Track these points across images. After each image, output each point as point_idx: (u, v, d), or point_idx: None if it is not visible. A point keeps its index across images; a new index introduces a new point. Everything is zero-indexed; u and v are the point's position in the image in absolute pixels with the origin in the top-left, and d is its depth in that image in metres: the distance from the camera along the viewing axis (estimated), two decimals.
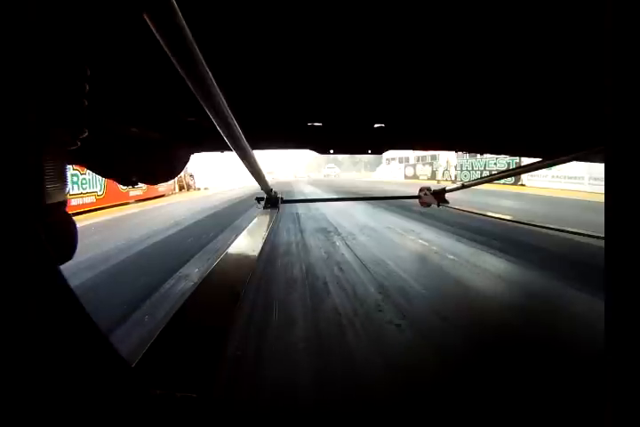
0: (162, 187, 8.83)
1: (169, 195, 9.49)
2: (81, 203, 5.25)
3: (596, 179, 7.30)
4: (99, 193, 5.85)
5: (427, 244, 2.41)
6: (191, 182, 12.26)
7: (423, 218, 3.44)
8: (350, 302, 1.32)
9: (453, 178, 13.05)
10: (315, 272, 1.72)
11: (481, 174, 11.46)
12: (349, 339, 1.02)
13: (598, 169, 7.17)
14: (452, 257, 2.01)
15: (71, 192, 5.23)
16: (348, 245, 2.34)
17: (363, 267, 1.81)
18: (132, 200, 7.17)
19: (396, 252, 2.20)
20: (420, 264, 1.96)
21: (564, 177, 8.50)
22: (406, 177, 18.14)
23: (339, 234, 2.78)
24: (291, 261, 1.94)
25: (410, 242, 2.50)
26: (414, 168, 17.67)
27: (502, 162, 10.68)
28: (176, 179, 10.46)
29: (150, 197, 7.98)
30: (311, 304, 1.31)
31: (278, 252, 2.18)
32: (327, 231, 2.92)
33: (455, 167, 13.23)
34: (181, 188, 11.36)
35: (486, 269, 1.76)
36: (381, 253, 2.11)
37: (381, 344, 0.99)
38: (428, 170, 15.90)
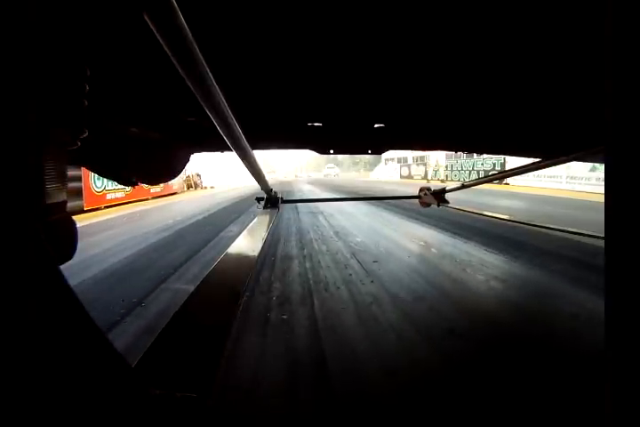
0: (175, 185, 10.23)
1: (179, 193, 10.60)
2: (114, 197, 6.63)
3: (572, 177, 8.00)
4: (127, 189, 7.00)
5: (381, 218, 3.93)
6: (198, 182, 13.43)
7: (390, 207, 4.82)
8: (319, 236, 2.93)
9: (443, 177, 14.03)
10: (302, 228, 3.39)
11: (469, 174, 12.35)
12: (314, 244, 2.60)
13: (574, 169, 7.86)
14: (386, 222, 3.64)
15: (107, 188, 6.43)
16: (326, 219, 3.95)
17: (330, 226, 3.46)
18: (150, 197, 8.31)
19: (355, 221, 3.77)
20: (365, 226, 3.47)
21: (545, 176, 8.90)
22: (402, 177, 19.20)
23: (322, 213, 4.39)
24: (290, 225, 3.58)
25: (367, 217, 4.01)
26: (409, 168, 18.71)
27: (488, 162, 11.50)
28: (184, 178, 11.64)
29: (166, 195, 9.18)
30: (299, 237, 2.90)
31: (283, 221, 3.77)
32: (314, 212, 4.52)
33: (446, 167, 14.11)
34: (189, 186, 12.36)
35: (402, 226, 3.48)
36: (345, 222, 3.70)
37: (328, 245, 2.55)
38: (421, 170, 16.91)
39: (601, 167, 7.41)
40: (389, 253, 2.29)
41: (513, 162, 10.26)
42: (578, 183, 7.83)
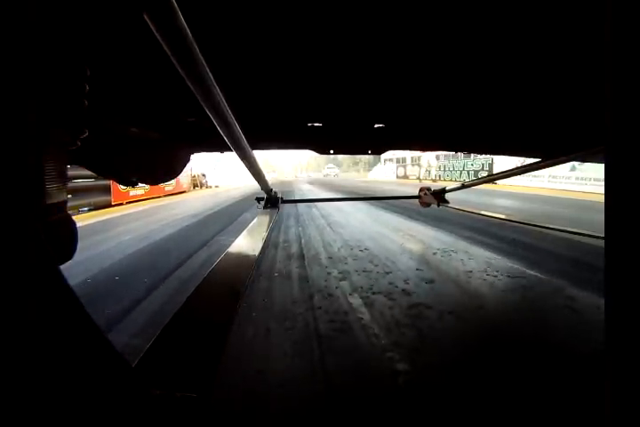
0: (184, 184, 11.45)
1: (187, 191, 11.68)
2: (135, 194, 7.68)
3: (554, 177, 8.65)
4: (146, 187, 8.09)
5: (358, 208, 4.85)
6: (204, 181, 14.54)
7: (373, 202, 5.83)
8: (310, 218, 4.22)
9: (434, 177, 15.13)
10: (299, 214, 4.45)
11: (460, 174, 13.24)
12: (309, 221, 3.94)
13: (555, 168, 8.30)
14: (361, 209, 4.74)
15: None
16: (317, 209, 4.94)
17: (319, 212, 4.58)
18: (163, 194, 9.25)
19: (338, 209, 4.78)
20: (344, 212, 4.56)
21: (529, 175, 9.37)
22: (398, 177, 20.23)
23: (314, 204, 5.48)
24: (289, 211, 4.64)
25: (348, 206, 4.97)
26: (405, 169, 19.79)
27: (478, 163, 12.33)
28: (190, 178, 12.55)
29: (176, 193, 10.32)
30: (296, 218, 4.20)
31: (284, 210, 4.48)
32: (308, 204, 5.49)
33: (439, 167, 15.08)
34: (195, 185, 13.26)
35: (371, 212, 4.60)
36: (332, 210, 4.72)
37: (315, 221, 3.97)
38: (417, 170, 17.84)
39: (580, 167, 7.80)
40: (353, 225, 3.67)
41: (500, 162, 10.86)
42: (559, 182, 8.55)
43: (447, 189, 2.49)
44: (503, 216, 2.55)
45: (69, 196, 5.78)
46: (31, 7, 0.23)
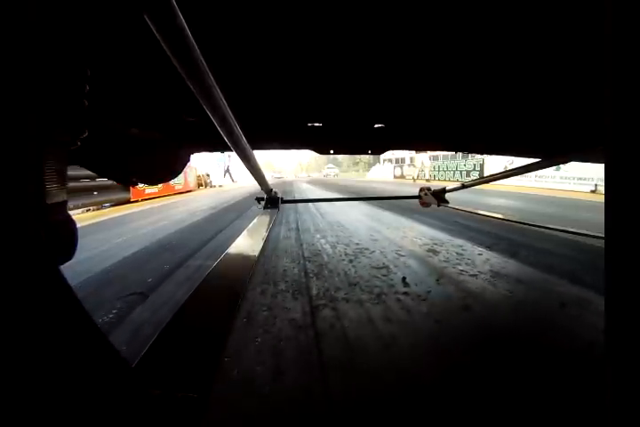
0: (191, 183, 12.37)
1: (193, 191, 12.31)
2: (150, 192, 8.61)
3: (540, 176, 9.19)
4: (159, 186, 8.99)
5: (351, 205, 5.45)
6: (208, 181, 15.22)
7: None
8: (306, 209, 4.90)
9: (427, 177, 15.99)
10: (297, 210, 4.89)
11: (453, 174, 13.99)
12: (304, 211, 4.79)
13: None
14: (348, 203, 5.43)
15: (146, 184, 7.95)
16: (314, 205, 5.60)
17: (314, 205, 5.33)
18: (172, 193, 10.07)
19: (330, 204, 5.45)
20: (333, 205, 5.30)
21: None
22: (395, 177, 21.14)
23: (308, 197, 6.21)
24: (289, 205, 5.16)
25: (345, 206, 5.34)
26: (402, 169, 20.70)
27: (470, 163, 13.02)
28: (195, 177, 13.06)
29: (184, 191, 11.33)
30: (295, 211, 4.76)
31: (284, 206, 4.96)
32: (302, 197, 6.06)
33: (433, 168, 15.88)
34: (200, 185, 13.77)
35: (355, 204, 5.43)
36: (326, 207, 5.12)
37: (309, 212, 4.64)
38: (413, 170, 18.64)
39: (564, 167, 8.20)
40: (336, 212, 4.48)
41: (491, 163, 11.20)
42: (545, 181, 9.17)
43: (447, 189, 2.49)
44: (501, 216, 2.55)
45: (95, 193, 5.78)
46: (31, 8, 0.23)
